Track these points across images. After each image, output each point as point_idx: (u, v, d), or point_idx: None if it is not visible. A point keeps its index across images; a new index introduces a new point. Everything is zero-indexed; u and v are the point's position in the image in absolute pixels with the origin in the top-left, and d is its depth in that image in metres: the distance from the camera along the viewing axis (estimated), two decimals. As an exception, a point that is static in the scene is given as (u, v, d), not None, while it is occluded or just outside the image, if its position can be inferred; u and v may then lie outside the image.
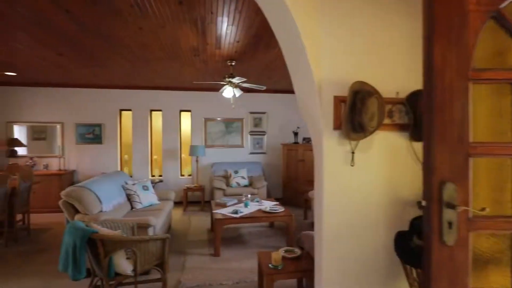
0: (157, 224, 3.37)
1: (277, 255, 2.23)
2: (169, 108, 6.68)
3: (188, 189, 6.15)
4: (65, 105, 6.30)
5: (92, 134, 6.43)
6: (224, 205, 4.38)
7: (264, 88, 4.49)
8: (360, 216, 1.68)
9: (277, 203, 4.55)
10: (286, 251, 2.53)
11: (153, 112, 6.75)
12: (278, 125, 7.11)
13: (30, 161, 6.02)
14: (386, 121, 1.68)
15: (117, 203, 3.82)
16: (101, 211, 3.31)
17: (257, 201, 4.59)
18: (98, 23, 2.90)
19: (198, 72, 5.06)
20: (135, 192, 4.27)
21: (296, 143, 6.64)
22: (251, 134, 7.01)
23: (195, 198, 6.70)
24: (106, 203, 3.46)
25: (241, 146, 6.97)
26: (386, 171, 1.71)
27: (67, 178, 6.07)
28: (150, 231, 3.13)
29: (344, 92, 1.62)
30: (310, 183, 6.41)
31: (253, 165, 6.71)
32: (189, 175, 6.84)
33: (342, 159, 1.66)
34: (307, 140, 6.55)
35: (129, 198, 4.26)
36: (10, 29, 3.09)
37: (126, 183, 4.41)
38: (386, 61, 1.69)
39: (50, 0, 2.43)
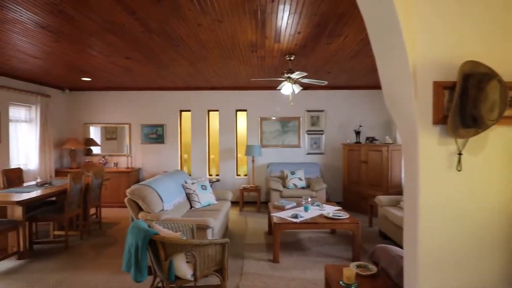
0: (216, 226, 3.29)
1: (350, 272, 1.93)
2: (225, 108, 6.71)
3: (244, 189, 6.07)
4: (132, 107, 6.73)
5: (155, 134, 6.76)
6: (282, 208, 4.16)
7: (326, 83, 4.15)
8: (470, 237, 1.30)
9: (339, 208, 4.17)
10: (358, 266, 2.20)
11: (210, 112, 6.84)
12: (337, 123, 6.65)
13: (103, 159, 6.55)
14: (508, 112, 1.27)
15: (177, 202, 3.86)
16: (162, 209, 3.35)
17: (318, 205, 4.27)
18: (161, 22, 2.91)
19: (254, 70, 4.93)
20: (194, 191, 4.29)
21: (358, 142, 6.12)
22: (308, 134, 6.68)
23: (251, 199, 6.62)
24: (167, 201, 3.50)
25: (298, 146, 6.68)
26: (506, 178, 1.30)
27: (134, 175, 6.46)
28: (209, 233, 3.05)
29: (447, 76, 1.27)
30: (374, 187, 5.86)
31: (311, 166, 6.37)
32: (245, 175, 6.79)
33: (445, 163, 1.30)
34: (371, 140, 5.98)
35: (188, 197, 4.30)
36: (85, 36, 3.30)
37: (186, 182, 4.46)
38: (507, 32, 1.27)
39: (117, 1, 2.48)
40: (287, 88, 4.04)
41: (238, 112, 6.81)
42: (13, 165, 5.25)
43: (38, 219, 3.85)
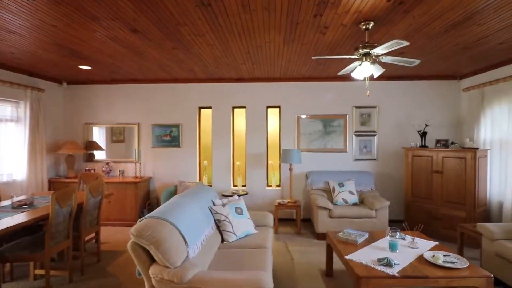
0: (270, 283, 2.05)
1: None
2: (254, 104, 5.48)
3: (280, 205, 4.82)
4: (142, 103, 5.57)
5: (169, 136, 5.58)
6: (354, 245, 2.89)
7: (418, 62, 2.87)
8: None
9: (437, 243, 2.88)
10: None
11: (235, 110, 5.63)
12: (393, 123, 5.34)
13: (107, 166, 5.41)
14: None
15: (205, 237, 2.64)
16: (187, 256, 2.13)
17: (401, 238, 3.00)
18: None
19: (303, 51, 3.68)
20: (226, 217, 3.07)
21: (424, 146, 4.80)
22: (356, 135, 5.39)
23: (285, 215, 5.38)
24: (193, 243, 2.28)
25: (344, 150, 5.40)
26: None
27: (143, 186, 5.29)
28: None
29: None
30: (452, 204, 4.51)
31: (362, 176, 5.08)
32: (278, 186, 5.54)
33: None
34: (444, 143, 4.66)
35: (218, 225, 3.08)
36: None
37: (214, 204, 3.25)
38: None
39: None
40: (365, 69, 2.77)
41: (269, 109, 5.57)
42: (-8, 176, 4.15)
43: (7, 258, 2.69)
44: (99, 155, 5.65)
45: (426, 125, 4.86)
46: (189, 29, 2.96)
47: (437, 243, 2.91)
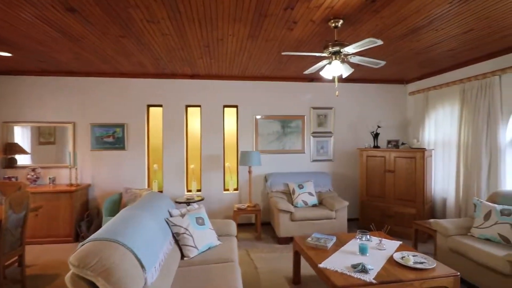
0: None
1: None
2: (210, 103, 5.14)
3: (240, 210, 4.57)
4: (78, 99, 4.82)
5: (112, 137, 4.93)
6: (325, 250, 2.78)
7: (383, 63, 2.88)
8: None
9: (400, 243, 2.92)
10: None
11: (189, 108, 5.21)
12: (348, 124, 5.48)
13: (32, 173, 4.55)
14: None
15: (164, 256, 2.27)
16: (145, 284, 1.76)
17: (367, 240, 2.98)
18: None
19: (268, 47, 3.48)
20: (186, 229, 2.71)
21: (377, 147, 5.00)
22: (314, 136, 5.40)
23: (244, 219, 5.15)
24: (151, 266, 1.90)
25: (302, 151, 5.37)
26: None
27: (80, 195, 4.58)
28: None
29: None
30: (404, 202, 4.76)
31: (320, 177, 5.09)
32: (235, 190, 5.28)
33: None
34: (394, 144, 4.89)
35: (176, 239, 2.71)
36: None
37: (171, 215, 2.86)
38: None
39: None
40: (335, 68, 2.67)
41: (226, 109, 5.28)
42: None
43: None
44: (22, 160, 4.74)
45: (378, 127, 5.07)
46: (141, 13, 2.54)
47: (401, 242, 2.95)
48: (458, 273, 2.31)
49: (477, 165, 3.89)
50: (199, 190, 5.20)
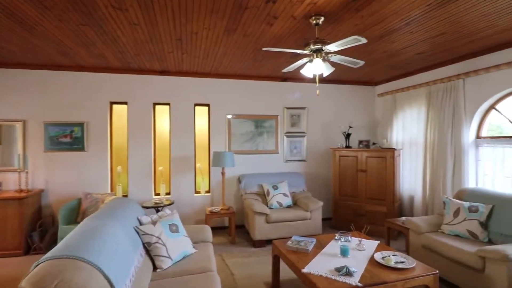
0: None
1: None
2: (180, 101, 4.87)
3: (213, 213, 4.37)
4: (29, 95, 4.30)
5: (69, 137, 4.47)
6: (306, 254, 2.69)
7: (362, 63, 2.87)
8: None
9: (378, 242, 2.93)
10: None
11: (157, 107, 4.89)
12: (320, 124, 5.50)
13: (-28, 178, 3.96)
14: None
15: (134, 270, 2.02)
16: (114, 306, 1.52)
17: (347, 240, 2.96)
18: None
19: (245, 41, 3.34)
20: (158, 238, 2.47)
21: (348, 147, 5.07)
22: (287, 136, 5.35)
23: (216, 223, 4.95)
24: (121, 284, 1.67)
25: (276, 151, 5.29)
26: None
27: (32, 202, 4.07)
28: None
29: None
30: (375, 201, 4.87)
31: (294, 177, 5.05)
32: (207, 192, 5.06)
33: None
34: (365, 144, 5.00)
35: (148, 249, 2.46)
36: None
37: (141, 222, 2.60)
38: None
39: None
40: (316, 67, 2.60)
41: (197, 108, 5.04)
42: None
43: None
44: (-41, 163, 4.12)
45: (350, 127, 5.15)
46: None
47: (379, 242, 2.96)
48: (437, 271, 2.34)
49: (442, 164, 4.08)
50: (168, 194, 4.90)
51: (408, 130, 4.85)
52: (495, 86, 3.52)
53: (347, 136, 5.13)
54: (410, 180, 4.81)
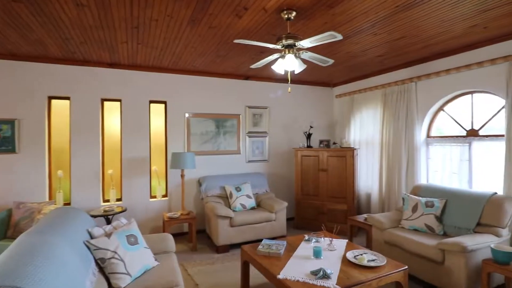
0: None
1: None
2: (133, 97, 4.43)
3: (172, 219, 4.04)
4: None
5: (-5, 137, 3.77)
6: (278, 258, 2.57)
7: (332, 62, 2.84)
8: None
9: (347, 241, 2.94)
10: None
11: (105, 103, 4.39)
12: (281, 124, 5.48)
13: None
14: None
15: (89, 293, 1.69)
16: None
17: (316, 241, 2.92)
18: None
19: (210, 33, 3.11)
20: (114, 252, 2.13)
21: (309, 146, 5.12)
22: (249, 136, 5.21)
23: (174, 229, 4.61)
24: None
25: (237, 152, 5.12)
26: None
27: None
28: None
29: None
30: (336, 199, 4.95)
31: (256, 178, 4.93)
32: (164, 196, 4.68)
33: None
34: (326, 144, 5.09)
35: (101, 265, 2.11)
36: None
37: (92, 236, 2.23)
38: None
39: None
40: (289, 63, 2.49)
41: (153, 105, 4.64)
42: None
43: None
44: None
45: (311, 127, 5.20)
46: (48, -33, 1.88)
47: (347, 240, 2.97)
48: (407, 267, 2.39)
49: (397, 162, 4.30)
50: (119, 200, 4.43)
51: (365, 130, 5.05)
52: (444, 89, 3.81)
53: (308, 136, 5.17)
54: (367, 178, 5.01)
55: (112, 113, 4.45)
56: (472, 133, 3.62)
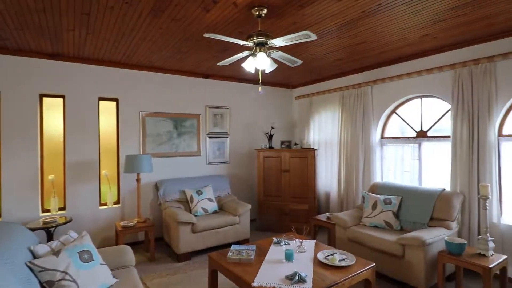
0: None
1: None
2: (79, 93, 3.95)
3: (127, 228, 3.68)
4: None
5: None
6: (250, 265, 2.46)
7: (300, 62, 2.82)
8: None
9: (314, 241, 2.95)
10: None
11: (45, 100, 3.84)
12: (242, 125, 5.39)
13: None
14: None
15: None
16: None
17: (285, 243, 2.88)
18: None
19: (172, 26, 2.88)
20: (65, 273, 1.82)
21: (271, 147, 5.11)
22: (210, 137, 5.02)
23: (128, 239, 4.24)
24: None
25: (197, 153, 4.89)
26: None
27: None
28: None
29: None
30: (298, 199, 5.00)
31: (218, 180, 4.77)
32: (116, 203, 4.27)
33: None
34: (287, 144, 5.13)
35: (48, 291, 1.78)
36: None
37: (35, 255, 1.88)
38: None
39: None
40: (260, 61, 2.40)
41: (102, 103, 4.20)
42: None
43: None
44: None
45: (272, 128, 5.20)
46: None
47: (315, 241, 2.99)
48: (374, 264, 2.47)
49: (355, 161, 4.50)
50: (62, 209, 3.91)
51: (324, 131, 5.20)
52: (397, 93, 4.07)
53: (270, 137, 5.15)
54: (326, 177, 5.16)
55: (54, 111, 3.91)
56: (422, 134, 3.92)
